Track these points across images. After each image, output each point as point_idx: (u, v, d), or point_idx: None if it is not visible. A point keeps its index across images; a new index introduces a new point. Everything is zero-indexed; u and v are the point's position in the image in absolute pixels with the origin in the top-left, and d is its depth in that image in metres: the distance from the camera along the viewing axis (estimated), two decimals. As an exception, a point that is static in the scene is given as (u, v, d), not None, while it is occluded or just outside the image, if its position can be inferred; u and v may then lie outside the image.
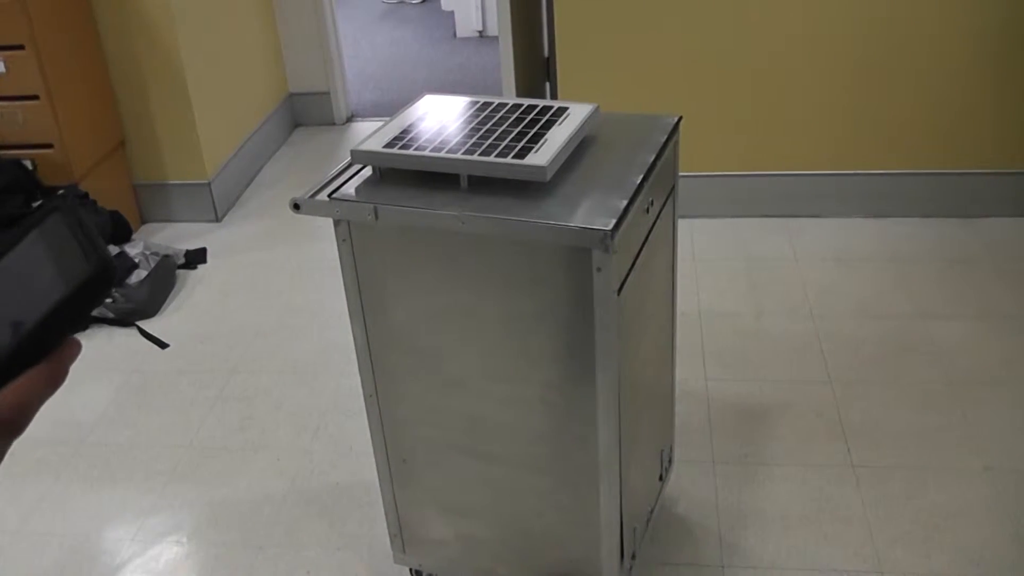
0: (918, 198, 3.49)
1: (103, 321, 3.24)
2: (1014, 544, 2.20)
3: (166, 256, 3.44)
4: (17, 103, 3.40)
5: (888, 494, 2.35)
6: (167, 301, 3.36)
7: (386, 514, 2.07)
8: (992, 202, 3.47)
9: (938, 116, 3.37)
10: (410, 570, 2.20)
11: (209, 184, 3.81)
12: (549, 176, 1.65)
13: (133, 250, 3.38)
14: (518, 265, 1.66)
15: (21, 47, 3.31)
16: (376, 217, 1.67)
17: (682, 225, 3.36)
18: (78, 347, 0.49)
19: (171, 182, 3.85)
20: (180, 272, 3.51)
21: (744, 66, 3.37)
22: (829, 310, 3.03)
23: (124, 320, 3.25)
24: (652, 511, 2.14)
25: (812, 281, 3.18)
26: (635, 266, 1.73)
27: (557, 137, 1.72)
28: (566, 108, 1.84)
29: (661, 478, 2.22)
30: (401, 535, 2.08)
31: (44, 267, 0.53)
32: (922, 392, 2.66)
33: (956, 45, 3.26)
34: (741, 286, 3.19)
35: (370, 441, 1.98)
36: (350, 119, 4.82)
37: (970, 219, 3.47)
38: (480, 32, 5.96)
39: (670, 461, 2.28)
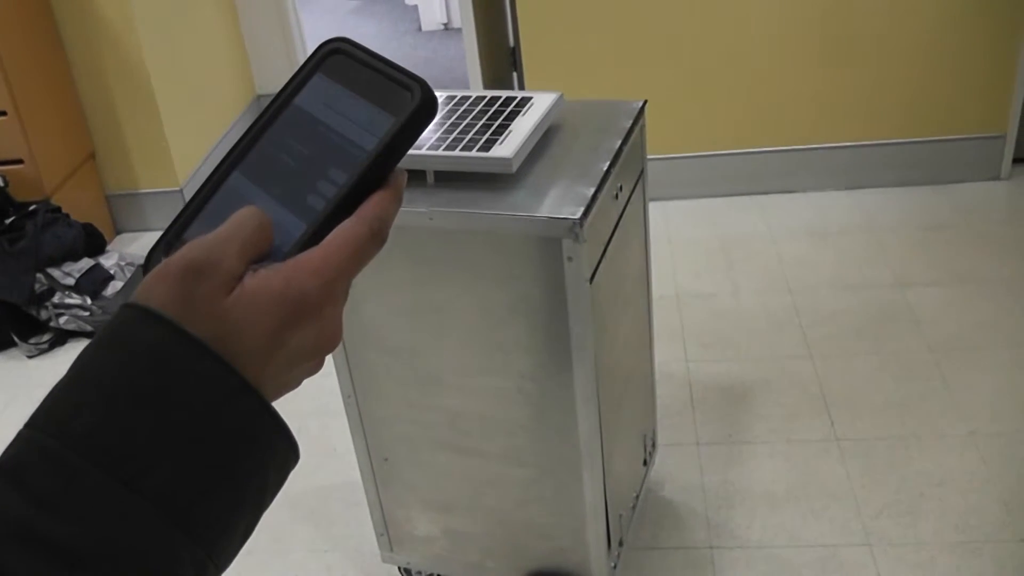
0: (889, 167, 3.49)
1: (81, 334, 3.23)
2: (1000, 507, 2.21)
3: (141, 266, 3.42)
4: (-16, 120, 3.38)
5: (873, 465, 2.36)
6: (145, 311, 3.34)
7: (371, 513, 2.07)
8: (963, 167, 3.48)
9: (905, 85, 3.37)
10: (399, 568, 2.20)
11: (181, 191, 3.79)
12: (515, 167, 1.65)
13: (108, 261, 3.36)
14: (489, 258, 1.65)
15: (-15, 64, 3.29)
16: (343, 217, 1.66)
17: (655, 208, 3.36)
18: (404, 174, 0.56)
19: (143, 191, 3.83)
20: (157, 281, 3.48)
21: (709, 46, 3.37)
22: (806, 284, 3.03)
23: (102, 332, 3.23)
24: (638, 496, 2.14)
25: (788, 256, 3.18)
26: (607, 253, 1.72)
27: (522, 128, 1.72)
28: (530, 98, 1.83)
29: (645, 463, 2.22)
30: (388, 534, 2.08)
31: (357, 104, 0.57)
32: (903, 361, 2.67)
33: (922, 11, 3.26)
34: (717, 266, 3.19)
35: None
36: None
37: (943, 185, 3.48)
38: (445, 25, 5.94)
39: (653, 445, 2.28)
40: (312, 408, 2.74)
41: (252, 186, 0.57)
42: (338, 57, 0.59)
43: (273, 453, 0.50)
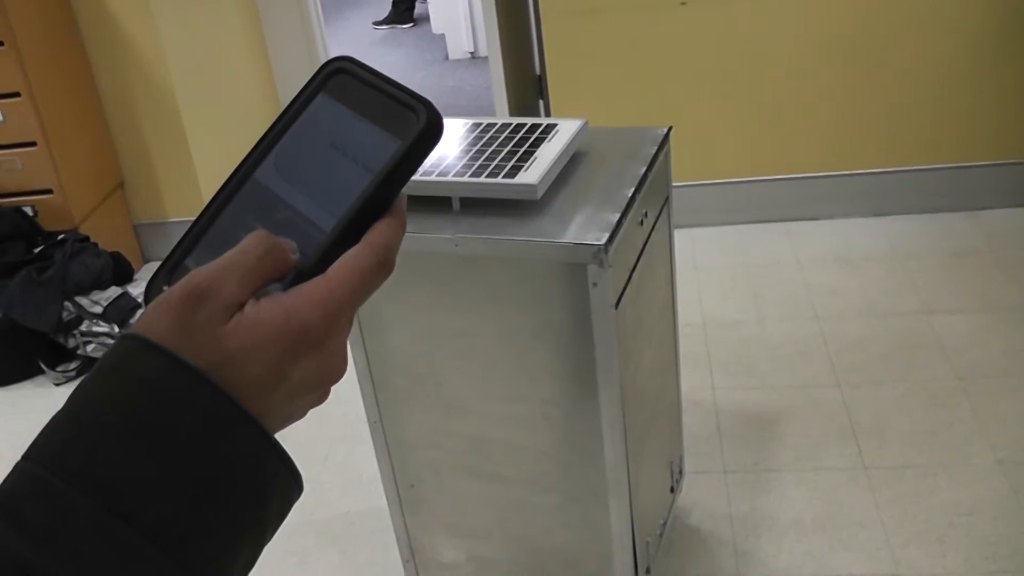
0: (917, 194, 3.48)
1: (109, 362, 3.24)
2: (1030, 537, 2.19)
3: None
4: (15, 150, 3.42)
5: (901, 494, 2.34)
6: (172, 339, 3.36)
7: (397, 540, 2.06)
8: (991, 193, 3.46)
9: (932, 110, 3.36)
10: (425, 595, 2.19)
11: (209, 220, 3.81)
12: (540, 194, 1.65)
13: (136, 290, 3.39)
14: (514, 284, 1.66)
15: (17, 94, 3.33)
16: (370, 244, 1.67)
17: (682, 235, 3.36)
18: (406, 199, 0.55)
19: (171, 220, 3.86)
20: (184, 309, 3.50)
21: (735, 73, 3.38)
22: (833, 311, 3.02)
23: (130, 360, 3.25)
24: (665, 524, 2.13)
25: (815, 283, 3.17)
26: (632, 279, 1.72)
27: (547, 154, 1.72)
28: (555, 125, 1.84)
29: (672, 490, 2.21)
30: (414, 560, 2.08)
31: (361, 126, 0.55)
32: (930, 389, 2.65)
33: (946, 37, 3.26)
34: (744, 293, 3.18)
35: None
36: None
37: (970, 212, 3.46)
38: (472, 53, 5.98)
39: (680, 472, 2.27)
40: (338, 434, 2.74)
41: (254, 211, 0.55)
42: (342, 77, 0.57)
43: (275, 485, 0.49)
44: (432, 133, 0.53)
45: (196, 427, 0.46)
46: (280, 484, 0.49)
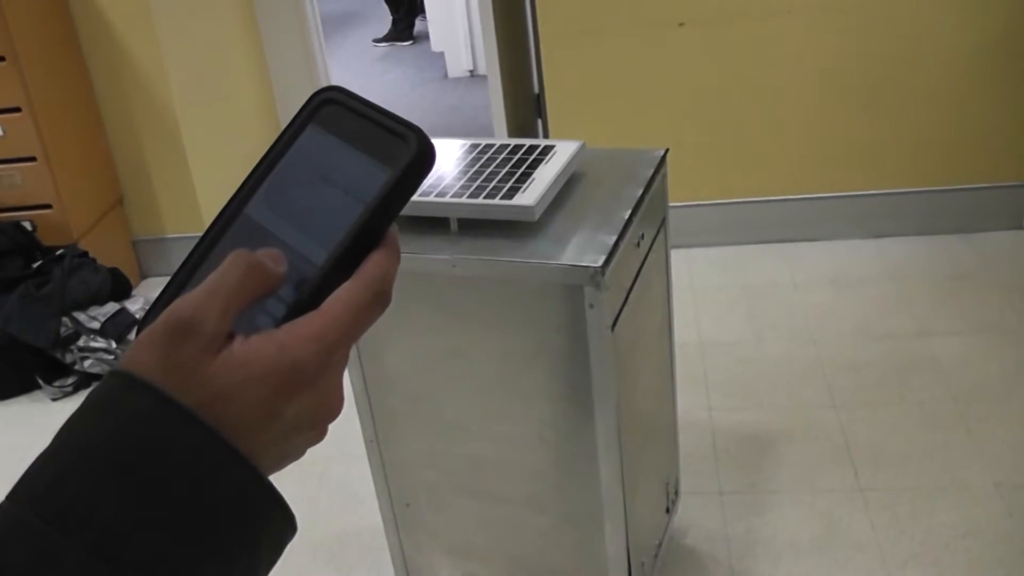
0: (913, 216, 3.49)
1: (106, 378, 3.24)
2: (1026, 560, 2.19)
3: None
4: (15, 165, 3.43)
5: (898, 516, 2.34)
6: (169, 355, 3.36)
7: (392, 559, 2.06)
8: (987, 216, 3.47)
9: (928, 133, 3.38)
10: (420, 615, 2.19)
11: (207, 236, 3.81)
12: (537, 215, 1.66)
13: (134, 306, 3.39)
14: (511, 305, 1.66)
15: (17, 110, 3.34)
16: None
17: (679, 255, 3.36)
18: (397, 228, 0.53)
19: (170, 236, 3.87)
20: (182, 325, 3.50)
21: (733, 94, 3.39)
22: (830, 333, 3.02)
23: (127, 376, 3.25)
24: (660, 544, 2.13)
25: (812, 305, 3.18)
26: (628, 300, 1.73)
27: (544, 176, 1.73)
28: (552, 146, 1.85)
29: (668, 511, 2.21)
30: (409, 580, 2.08)
31: (351, 156, 0.54)
32: (927, 411, 2.65)
33: (942, 61, 3.27)
34: (741, 313, 3.18)
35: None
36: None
37: (966, 234, 3.47)
38: (471, 71, 6.00)
39: (676, 493, 2.28)
40: (334, 453, 2.73)
41: (245, 247, 0.54)
42: (331, 107, 0.56)
43: (266, 526, 0.47)
44: (423, 161, 0.52)
45: (183, 466, 0.44)
46: (273, 524, 0.48)
